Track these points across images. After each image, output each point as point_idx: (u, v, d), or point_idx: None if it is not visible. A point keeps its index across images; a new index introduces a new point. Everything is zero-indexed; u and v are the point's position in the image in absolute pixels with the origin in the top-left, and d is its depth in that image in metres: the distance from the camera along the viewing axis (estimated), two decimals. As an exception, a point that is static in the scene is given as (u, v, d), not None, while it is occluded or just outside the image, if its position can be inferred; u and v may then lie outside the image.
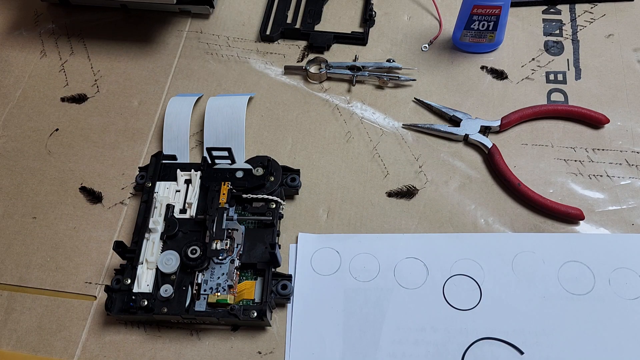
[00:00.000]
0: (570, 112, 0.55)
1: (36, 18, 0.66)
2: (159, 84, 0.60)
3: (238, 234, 0.47)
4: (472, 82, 0.58)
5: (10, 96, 0.61)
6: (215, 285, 0.45)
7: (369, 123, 0.56)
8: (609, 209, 0.50)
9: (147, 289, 0.45)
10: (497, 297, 0.46)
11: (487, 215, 0.50)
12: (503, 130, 0.55)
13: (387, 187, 0.52)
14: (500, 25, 0.56)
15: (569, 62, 0.59)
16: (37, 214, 0.53)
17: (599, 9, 0.62)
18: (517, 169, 0.52)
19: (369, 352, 0.44)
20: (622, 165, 0.52)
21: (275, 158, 0.51)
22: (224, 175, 0.50)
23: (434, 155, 0.54)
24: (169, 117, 0.56)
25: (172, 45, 0.63)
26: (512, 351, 0.44)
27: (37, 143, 0.57)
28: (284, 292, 0.46)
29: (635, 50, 0.59)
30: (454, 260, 0.48)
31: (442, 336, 0.45)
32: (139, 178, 0.53)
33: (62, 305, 0.48)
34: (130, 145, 0.57)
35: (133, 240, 0.48)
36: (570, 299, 0.45)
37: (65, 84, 0.61)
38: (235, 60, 0.61)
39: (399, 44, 0.61)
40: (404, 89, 0.58)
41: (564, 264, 0.47)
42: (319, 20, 0.63)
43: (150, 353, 0.46)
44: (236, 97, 0.57)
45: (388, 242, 0.49)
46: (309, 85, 0.59)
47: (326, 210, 0.52)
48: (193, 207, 0.49)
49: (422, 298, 0.46)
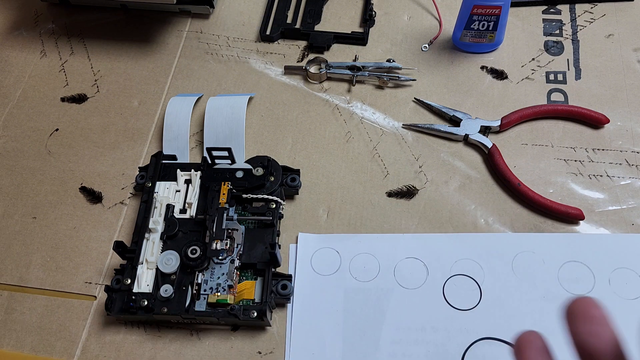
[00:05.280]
0: (570, 112, 0.55)
1: (36, 18, 0.66)
2: (159, 84, 0.60)
3: (238, 234, 0.47)
4: (472, 82, 0.58)
5: (10, 96, 0.61)
6: (215, 285, 0.45)
7: (369, 123, 0.56)
8: (609, 209, 0.50)
9: (147, 289, 0.45)
10: (497, 297, 0.46)
11: (487, 215, 0.50)
12: (503, 130, 0.55)
13: (387, 187, 0.52)
14: (500, 25, 0.56)
15: (569, 62, 0.59)
16: (37, 214, 0.53)
17: (599, 9, 0.62)
18: (517, 169, 0.52)
19: (369, 352, 0.44)
20: (622, 165, 0.52)
21: (275, 158, 0.51)
22: (224, 175, 0.50)
23: (434, 155, 0.54)
24: (169, 117, 0.56)
25: (172, 45, 0.63)
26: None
27: (37, 143, 0.57)
28: (284, 292, 0.46)
29: (635, 50, 0.59)
30: (454, 260, 0.48)
31: (442, 336, 0.45)
32: (139, 178, 0.53)
33: (62, 305, 0.48)
34: (130, 145, 0.57)
35: (133, 240, 0.48)
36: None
37: (65, 84, 0.61)
38: (235, 60, 0.61)
39: (399, 44, 0.61)
40: (404, 89, 0.58)
41: (564, 264, 0.47)
42: (319, 20, 0.63)
43: (150, 353, 0.46)
44: (236, 97, 0.57)
45: (388, 242, 0.49)
46: (309, 85, 0.59)
47: (326, 210, 0.52)
48: (193, 207, 0.49)
49: (422, 298, 0.46)
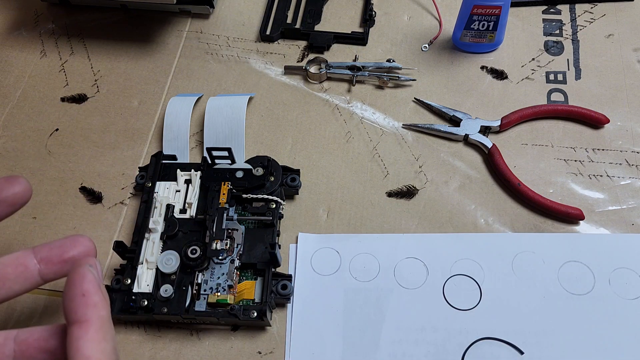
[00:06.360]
0: (570, 112, 0.55)
1: (36, 18, 0.66)
2: (159, 84, 0.60)
3: (238, 234, 0.47)
4: (472, 82, 0.58)
5: (10, 96, 0.61)
6: (215, 285, 0.45)
7: (369, 123, 0.56)
8: (609, 209, 0.50)
9: (147, 289, 0.45)
10: (497, 297, 0.46)
11: (487, 215, 0.50)
12: (503, 130, 0.55)
13: (387, 187, 0.52)
14: (500, 25, 0.56)
15: (569, 62, 0.59)
16: (37, 214, 0.53)
17: (599, 9, 0.62)
18: (517, 169, 0.52)
19: (369, 352, 0.44)
20: (622, 165, 0.52)
21: (275, 158, 0.51)
22: (224, 175, 0.50)
23: (434, 155, 0.54)
24: (169, 117, 0.56)
25: (172, 45, 0.63)
26: (512, 351, 0.44)
27: (37, 143, 0.57)
28: (284, 292, 0.46)
29: (635, 50, 0.59)
30: (454, 260, 0.48)
31: (442, 336, 0.45)
32: (139, 178, 0.53)
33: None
34: (130, 145, 0.57)
35: (133, 240, 0.48)
36: (570, 299, 0.45)
37: (65, 84, 0.61)
38: (235, 60, 0.61)
39: (399, 44, 0.61)
40: (404, 89, 0.58)
41: (564, 264, 0.47)
42: (319, 20, 0.63)
43: (150, 353, 0.46)
44: (236, 97, 0.57)
45: (388, 242, 0.49)
46: (309, 85, 0.59)
47: (326, 210, 0.52)
48: (193, 207, 0.49)
49: (422, 298, 0.46)
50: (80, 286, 0.31)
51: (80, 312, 0.30)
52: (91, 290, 0.31)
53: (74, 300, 0.31)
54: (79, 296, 0.31)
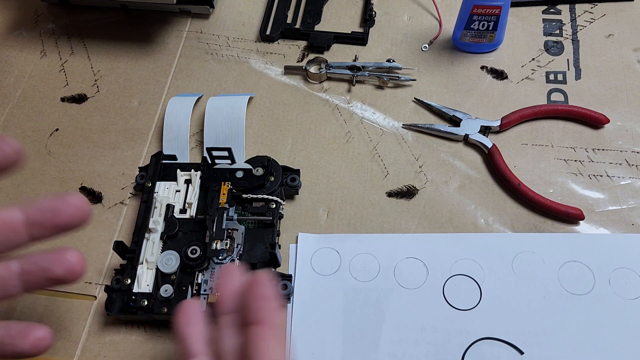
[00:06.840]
0: (570, 112, 0.55)
1: (36, 18, 0.66)
2: (159, 84, 0.60)
3: (238, 234, 0.47)
4: (472, 82, 0.58)
5: (10, 96, 0.61)
6: (215, 285, 0.45)
7: (369, 123, 0.56)
8: (609, 209, 0.50)
9: (147, 289, 0.45)
10: (497, 297, 0.46)
11: (487, 215, 0.50)
12: (503, 130, 0.55)
13: (387, 187, 0.52)
14: (500, 25, 0.56)
15: (569, 62, 0.59)
16: (37, 214, 0.53)
17: (599, 9, 0.62)
18: (517, 169, 0.52)
19: (369, 352, 0.44)
20: (622, 165, 0.52)
21: (275, 158, 0.51)
22: (224, 175, 0.50)
23: (434, 155, 0.54)
24: (169, 117, 0.56)
25: (172, 45, 0.63)
26: (512, 351, 0.44)
27: (37, 143, 0.57)
28: (284, 292, 0.46)
29: (635, 50, 0.59)
30: (454, 260, 0.48)
31: (442, 336, 0.45)
32: (139, 178, 0.53)
33: (62, 305, 0.48)
34: (130, 145, 0.57)
35: (133, 240, 0.48)
36: (570, 299, 0.45)
37: (65, 84, 0.61)
38: (235, 60, 0.61)
39: (399, 44, 0.61)
40: (404, 89, 0.58)
41: (564, 264, 0.47)
42: (319, 20, 0.63)
43: (150, 353, 0.46)
44: (236, 97, 0.57)
45: (388, 242, 0.49)
46: (309, 85, 0.59)
47: (326, 210, 0.52)
48: (193, 207, 0.49)
49: (422, 298, 0.46)
50: (264, 289, 0.32)
51: (264, 315, 0.32)
52: (272, 296, 0.32)
53: (259, 301, 0.32)
54: (263, 299, 0.32)
